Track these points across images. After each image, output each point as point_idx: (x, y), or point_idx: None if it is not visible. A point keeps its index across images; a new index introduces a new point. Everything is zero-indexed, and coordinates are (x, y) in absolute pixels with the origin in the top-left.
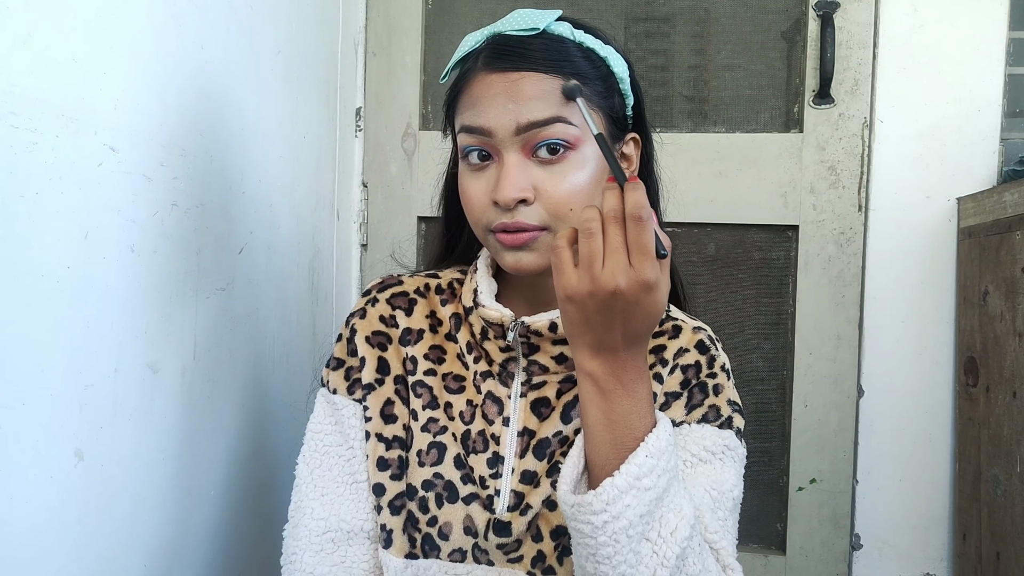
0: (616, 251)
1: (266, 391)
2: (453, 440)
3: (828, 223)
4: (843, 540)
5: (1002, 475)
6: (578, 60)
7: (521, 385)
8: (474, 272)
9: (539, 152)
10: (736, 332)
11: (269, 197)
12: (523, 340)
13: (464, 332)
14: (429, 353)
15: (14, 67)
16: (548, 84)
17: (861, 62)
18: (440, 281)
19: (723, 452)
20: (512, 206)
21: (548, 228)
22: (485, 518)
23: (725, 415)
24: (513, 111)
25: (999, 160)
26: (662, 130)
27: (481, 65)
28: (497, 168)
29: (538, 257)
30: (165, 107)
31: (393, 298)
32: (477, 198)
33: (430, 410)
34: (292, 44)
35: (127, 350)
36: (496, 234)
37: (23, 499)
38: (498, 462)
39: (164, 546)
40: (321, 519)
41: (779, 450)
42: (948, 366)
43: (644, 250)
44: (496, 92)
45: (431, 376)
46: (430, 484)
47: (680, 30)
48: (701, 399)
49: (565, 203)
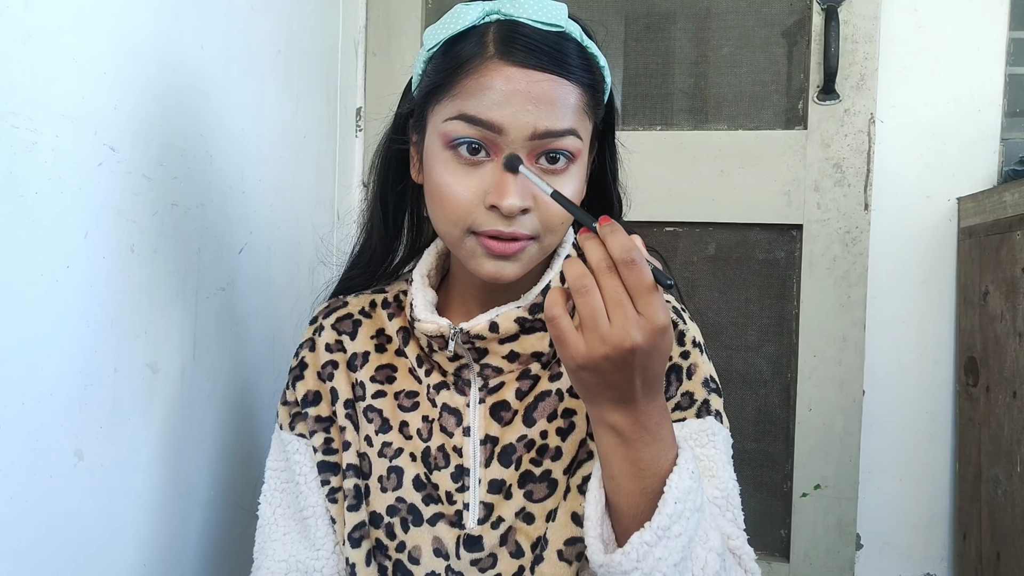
0: (620, 304)
1: (266, 391)
2: (411, 461)
3: (833, 222)
4: (848, 548)
5: (1002, 475)
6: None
7: (479, 391)
8: (409, 284)
9: (541, 160)
10: (739, 334)
11: (269, 197)
12: (468, 346)
13: (413, 346)
14: (376, 375)
15: (14, 67)
16: (569, 92)
17: (867, 56)
18: (387, 295)
19: (709, 442)
20: (515, 215)
21: (537, 238)
22: (454, 535)
23: (700, 399)
24: (533, 114)
25: (999, 160)
26: (662, 128)
27: (495, 52)
28: (496, 169)
29: (520, 268)
30: (165, 107)
31: (338, 323)
32: (464, 196)
33: (383, 434)
34: (292, 44)
35: (127, 350)
36: (482, 238)
37: (23, 499)
38: (463, 475)
39: (164, 546)
40: (282, 560)
41: (783, 454)
42: (948, 366)
43: (649, 291)
44: (515, 89)
45: (380, 398)
46: (394, 509)
47: (681, 26)
48: (675, 388)
49: (560, 215)
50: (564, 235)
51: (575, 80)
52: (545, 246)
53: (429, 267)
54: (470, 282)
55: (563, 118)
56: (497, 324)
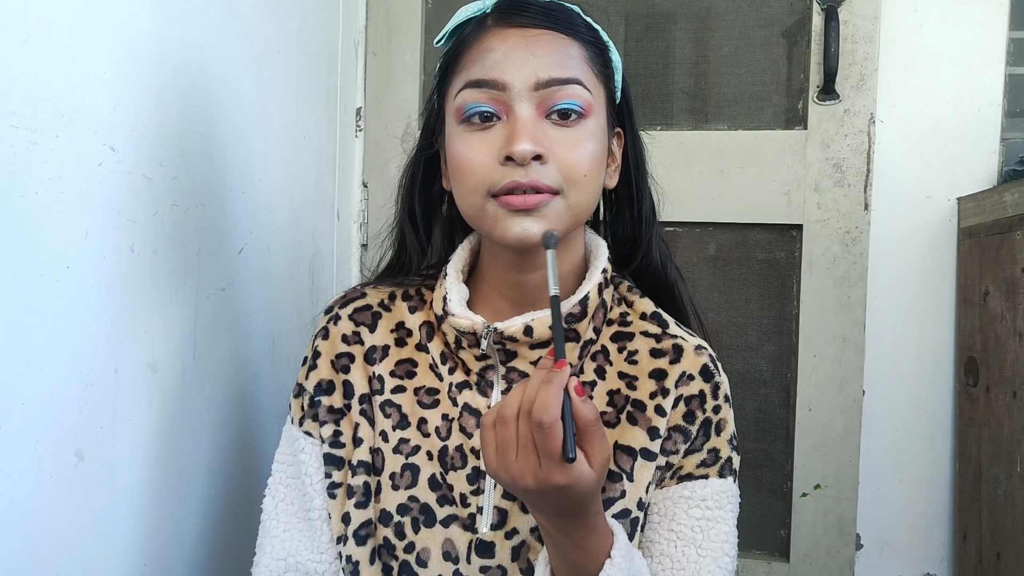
0: (525, 448)
1: (266, 391)
2: (427, 460)
3: (833, 222)
4: (848, 548)
5: (1002, 475)
6: (588, 34)
7: (502, 394)
8: (444, 278)
9: (552, 115)
10: (738, 334)
11: (269, 197)
12: (498, 347)
13: (437, 342)
14: (396, 369)
15: (14, 67)
16: (568, 45)
17: (867, 56)
18: (408, 288)
19: (728, 504)
20: (527, 160)
21: (561, 193)
22: (466, 539)
23: (724, 457)
24: (533, 65)
25: (999, 160)
26: (663, 128)
27: (493, 23)
28: (507, 125)
29: (546, 226)
30: (165, 107)
31: (356, 313)
32: (480, 159)
33: (400, 430)
34: (292, 44)
35: (127, 350)
36: (501, 198)
37: (23, 499)
38: (479, 477)
39: (164, 546)
40: (280, 559)
41: (783, 455)
42: (948, 366)
43: (550, 455)
44: (514, 44)
45: (400, 393)
46: (405, 508)
47: (681, 26)
48: (702, 442)
49: (580, 167)
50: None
51: (575, 36)
52: (572, 204)
53: (463, 262)
54: (501, 281)
55: (565, 67)
56: (532, 328)
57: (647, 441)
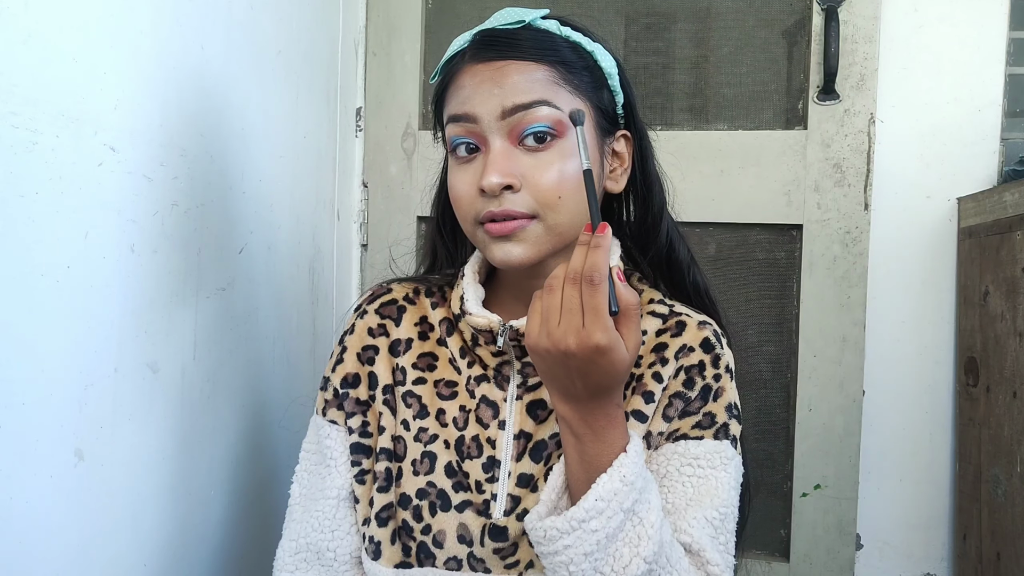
0: (570, 311)
1: (266, 391)
2: (445, 448)
3: (833, 222)
4: (848, 548)
5: (1002, 475)
6: (564, 50)
7: (517, 388)
8: (461, 278)
9: (526, 141)
10: (739, 334)
11: (269, 197)
12: (514, 343)
13: (455, 338)
14: (418, 362)
15: (14, 67)
16: (533, 70)
17: (867, 56)
18: (431, 284)
19: (721, 465)
20: (497, 192)
21: (537, 216)
22: (480, 524)
23: (720, 422)
24: (498, 96)
25: (999, 160)
26: (662, 128)
27: (468, 59)
28: (484, 157)
29: (526, 249)
30: (165, 107)
31: (383, 307)
32: (464, 190)
33: (420, 420)
34: (292, 44)
35: (127, 350)
36: (484, 225)
37: (23, 499)
38: (494, 466)
39: (164, 546)
40: (300, 538)
41: (783, 454)
42: (948, 366)
43: (595, 313)
44: (482, 79)
45: (420, 385)
46: (424, 493)
47: (681, 27)
48: (699, 405)
49: (552, 191)
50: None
51: (540, 59)
52: (551, 225)
53: (479, 263)
54: (515, 284)
55: (528, 92)
56: None
57: (641, 404)
